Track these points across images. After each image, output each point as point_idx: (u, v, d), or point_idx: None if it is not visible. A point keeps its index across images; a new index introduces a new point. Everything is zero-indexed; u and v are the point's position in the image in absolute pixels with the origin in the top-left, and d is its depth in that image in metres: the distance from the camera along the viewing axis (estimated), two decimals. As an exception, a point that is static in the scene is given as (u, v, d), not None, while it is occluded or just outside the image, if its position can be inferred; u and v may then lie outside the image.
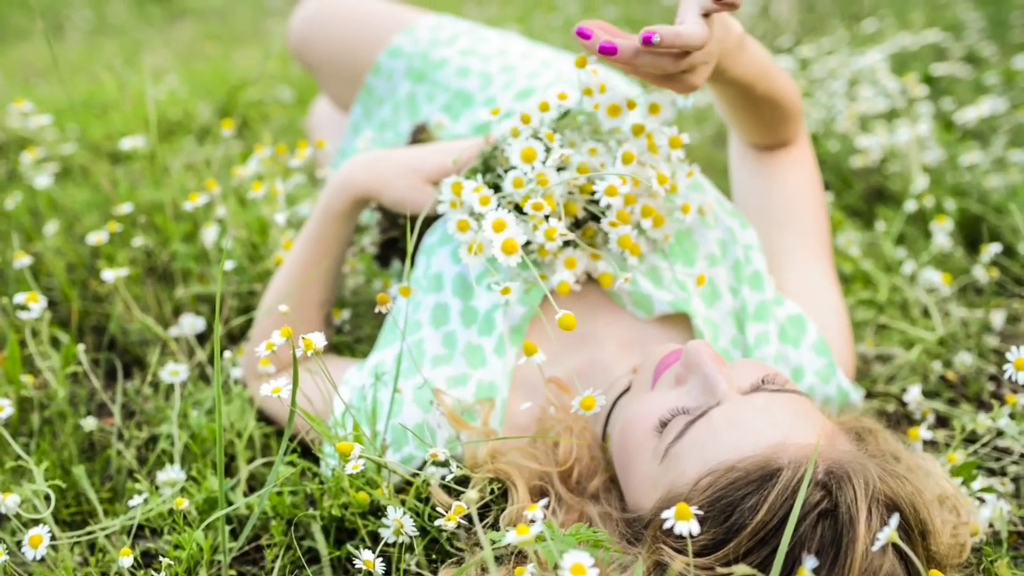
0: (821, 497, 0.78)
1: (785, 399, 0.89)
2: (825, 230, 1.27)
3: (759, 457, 0.81)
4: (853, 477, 0.79)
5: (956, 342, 1.40)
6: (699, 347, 0.93)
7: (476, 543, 0.97)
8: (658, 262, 1.14)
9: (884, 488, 0.79)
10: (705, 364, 0.91)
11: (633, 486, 0.93)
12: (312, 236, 1.25)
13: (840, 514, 0.77)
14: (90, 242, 1.49)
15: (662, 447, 0.88)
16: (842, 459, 0.81)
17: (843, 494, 0.77)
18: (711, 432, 0.86)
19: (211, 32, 4.72)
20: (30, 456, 1.14)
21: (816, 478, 0.79)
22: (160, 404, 1.30)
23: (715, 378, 0.89)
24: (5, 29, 4.98)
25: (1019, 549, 1.02)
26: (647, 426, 0.91)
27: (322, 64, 1.70)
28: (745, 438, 0.84)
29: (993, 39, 2.80)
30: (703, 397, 0.89)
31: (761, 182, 1.27)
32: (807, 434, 0.84)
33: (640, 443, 0.92)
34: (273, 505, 1.05)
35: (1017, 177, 1.75)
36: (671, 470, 0.87)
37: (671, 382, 0.95)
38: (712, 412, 0.87)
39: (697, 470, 0.84)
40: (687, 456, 0.86)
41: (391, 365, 1.12)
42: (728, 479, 0.81)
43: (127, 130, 2.37)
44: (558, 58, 1.57)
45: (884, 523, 0.77)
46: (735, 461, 0.82)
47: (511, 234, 0.99)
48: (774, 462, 0.80)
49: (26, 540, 0.92)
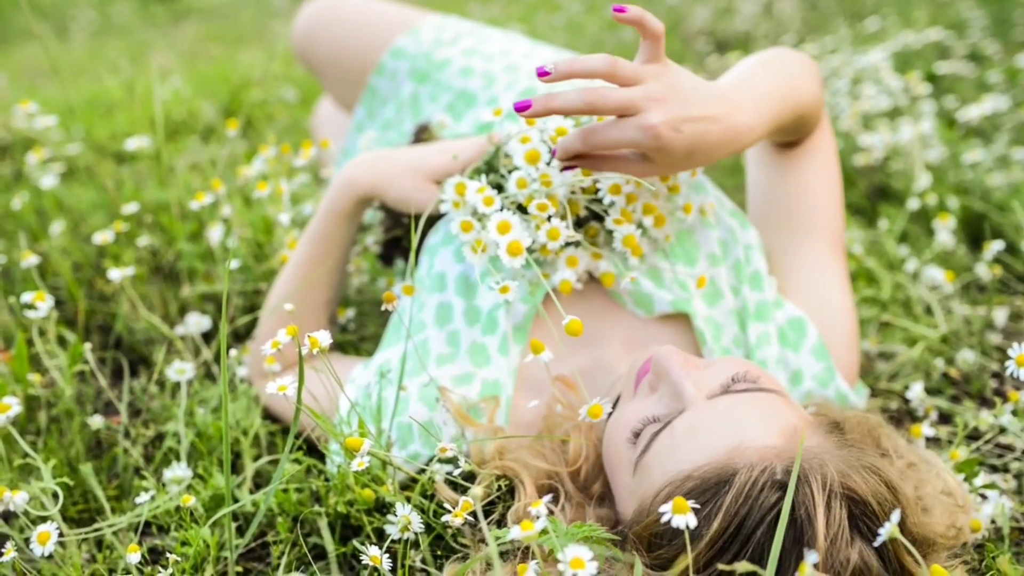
0: (778, 498, 0.76)
1: (751, 399, 0.87)
2: (839, 225, 1.24)
3: (715, 464, 0.81)
4: (810, 474, 0.77)
5: (959, 339, 1.40)
6: (666, 353, 0.92)
7: (481, 539, 0.98)
8: (659, 262, 1.14)
9: (845, 480, 0.77)
10: (672, 371, 0.90)
11: (617, 495, 0.93)
12: (316, 236, 1.26)
13: (798, 514, 0.76)
14: (96, 242, 1.50)
15: (634, 458, 0.89)
16: (803, 458, 0.79)
17: (799, 492, 0.76)
18: (672, 442, 0.85)
19: (215, 32, 4.73)
20: (38, 454, 1.14)
21: (773, 478, 0.78)
22: (166, 402, 1.30)
23: (681, 384, 0.89)
24: (10, 31, 5.00)
25: (1021, 545, 1.02)
26: (622, 437, 0.91)
27: (325, 65, 1.71)
28: (704, 445, 0.83)
29: (996, 37, 2.80)
30: (672, 404, 0.89)
31: (778, 176, 1.26)
32: (769, 434, 0.83)
33: (618, 454, 0.92)
34: (279, 502, 1.06)
35: (1020, 175, 1.75)
36: (642, 482, 0.87)
37: (646, 390, 0.95)
38: (674, 421, 0.86)
39: (660, 481, 0.83)
40: (653, 467, 0.86)
41: (396, 364, 1.12)
42: (684, 489, 0.80)
43: (132, 130, 2.38)
44: (561, 58, 1.57)
45: (847, 517, 0.76)
46: (691, 470, 0.81)
47: (516, 236, 1.00)
48: (730, 468, 0.79)
49: (34, 537, 0.93)
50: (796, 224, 1.23)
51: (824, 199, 1.24)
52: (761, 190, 1.29)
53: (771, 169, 1.27)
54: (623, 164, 1.00)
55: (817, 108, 1.20)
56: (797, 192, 1.24)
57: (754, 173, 1.31)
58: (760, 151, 1.30)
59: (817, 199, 1.24)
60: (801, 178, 1.24)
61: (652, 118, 0.93)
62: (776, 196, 1.25)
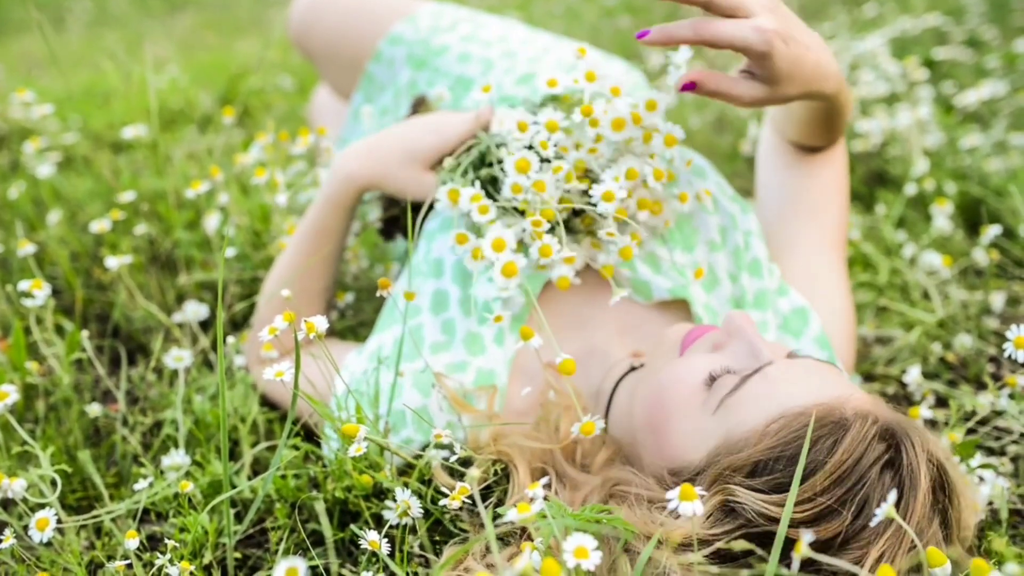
0: (884, 450, 0.80)
1: (823, 366, 0.91)
2: (843, 229, 1.26)
3: (825, 406, 0.83)
4: (911, 434, 0.82)
5: (956, 324, 1.40)
6: (741, 315, 0.95)
7: (479, 523, 0.98)
8: (657, 249, 1.14)
9: (933, 449, 0.82)
10: (748, 330, 0.93)
11: (672, 444, 0.92)
12: (314, 225, 1.26)
13: (903, 467, 0.79)
14: (93, 230, 1.50)
15: (714, 400, 0.89)
16: (897, 419, 0.84)
17: (904, 449, 0.80)
18: (770, 385, 0.87)
19: (212, 21, 4.72)
20: (36, 441, 1.15)
21: (883, 429, 0.81)
22: (164, 390, 1.30)
23: (760, 343, 0.91)
24: (7, 21, 4.98)
25: (1018, 528, 1.03)
26: (695, 381, 0.91)
27: (323, 52, 1.70)
28: (807, 390, 0.85)
29: (994, 22, 2.79)
30: (747, 360, 0.91)
31: (792, 173, 1.27)
32: (860, 394, 0.87)
33: (684, 399, 0.91)
34: (277, 488, 1.06)
35: (1017, 160, 1.75)
36: (727, 420, 0.87)
37: (707, 347, 0.96)
38: (766, 369, 0.88)
39: (760, 418, 0.85)
40: (746, 407, 0.87)
41: (391, 348, 1.12)
42: (801, 422, 0.82)
43: (129, 119, 2.38)
44: (559, 44, 1.57)
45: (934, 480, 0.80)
46: (803, 407, 0.84)
47: (511, 257, 1.01)
48: (840, 411, 0.82)
49: (33, 524, 0.93)
50: (803, 218, 1.23)
51: (833, 203, 1.25)
52: (774, 182, 1.29)
53: (789, 168, 1.28)
54: (731, 85, 1.00)
55: (847, 118, 1.21)
56: (810, 190, 1.25)
57: (768, 172, 1.31)
58: (780, 151, 1.30)
59: (826, 201, 1.25)
60: (815, 180, 1.26)
61: (767, 24, 0.95)
62: (788, 188, 1.26)
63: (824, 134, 1.22)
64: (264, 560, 1.04)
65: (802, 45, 0.98)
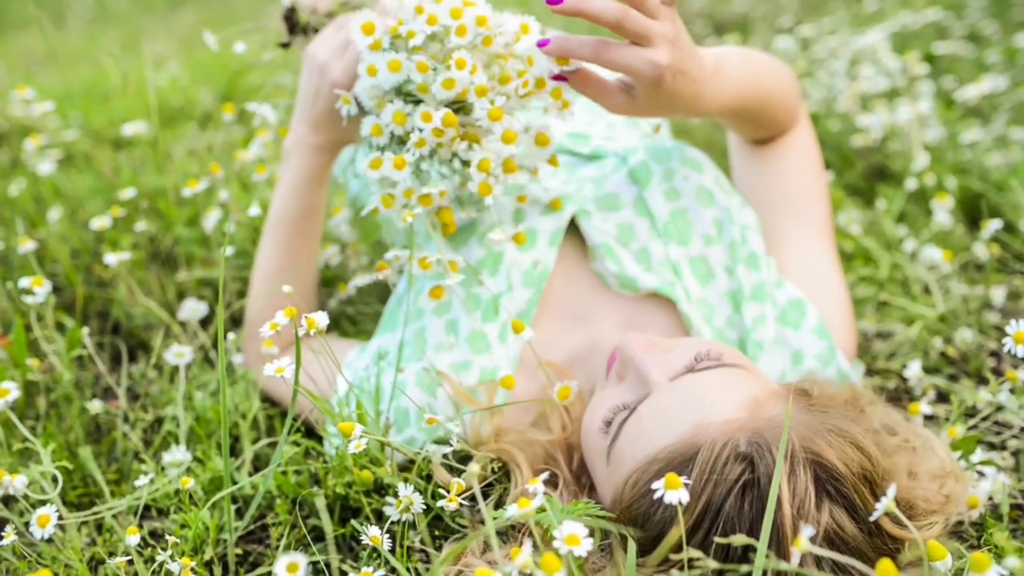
0: (742, 470, 0.77)
1: (713, 376, 0.88)
2: (825, 212, 1.26)
3: (678, 443, 0.81)
4: (772, 443, 0.78)
5: (957, 318, 1.40)
6: (628, 340, 0.94)
7: (479, 519, 0.98)
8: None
9: (808, 445, 0.78)
10: (635, 357, 0.91)
11: (597, 485, 0.94)
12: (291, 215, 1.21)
13: (763, 483, 0.76)
14: (93, 227, 1.50)
15: (606, 447, 0.90)
16: (763, 426, 0.80)
17: (763, 462, 0.77)
18: (639, 427, 0.86)
19: (212, 19, 4.71)
20: (37, 438, 1.15)
21: (736, 451, 0.78)
22: (165, 387, 1.30)
23: (645, 368, 0.90)
24: (7, 19, 4.98)
25: (1019, 522, 1.03)
26: (594, 427, 0.92)
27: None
28: (668, 426, 0.84)
29: (995, 17, 2.79)
30: (640, 389, 0.90)
31: (758, 169, 1.27)
32: (730, 408, 0.83)
33: (594, 445, 0.93)
34: (278, 484, 1.06)
35: (1018, 154, 1.74)
36: (615, 470, 0.88)
37: (615, 379, 0.96)
38: (639, 407, 0.87)
39: (628, 468, 0.84)
40: (625, 454, 0.87)
41: (393, 351, 1.12)
42: (650, 473, 0.81)
43: (129, 117, 2.37)
44: None
45: (813, 480, 0.76)
46: (656, 452, 0.82)
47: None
48: (694, 445, 0.80)
49: (34, 520, 0.93)
50: (783, 213, 1.23)
51: (806, 188, 1.25)
52: (745, 183, 1.30)
53: (750, 163, 1.29)
54: (606, 92, 0.99)
55: (788, 107, 1.21)
56: (778, 183, 1.25)
57: (737, 168, 1.33)
58: (741, 148, 1.31)
59: (799, 188, 1.24)
60: (780, 170, 1.25)
61: (662, 57, 0.93)
62: (758, 188, 1.27)
63: (757, 129, 1.22)
64: (265, 556, 1.04)
65: (687, 78, 0.96)
